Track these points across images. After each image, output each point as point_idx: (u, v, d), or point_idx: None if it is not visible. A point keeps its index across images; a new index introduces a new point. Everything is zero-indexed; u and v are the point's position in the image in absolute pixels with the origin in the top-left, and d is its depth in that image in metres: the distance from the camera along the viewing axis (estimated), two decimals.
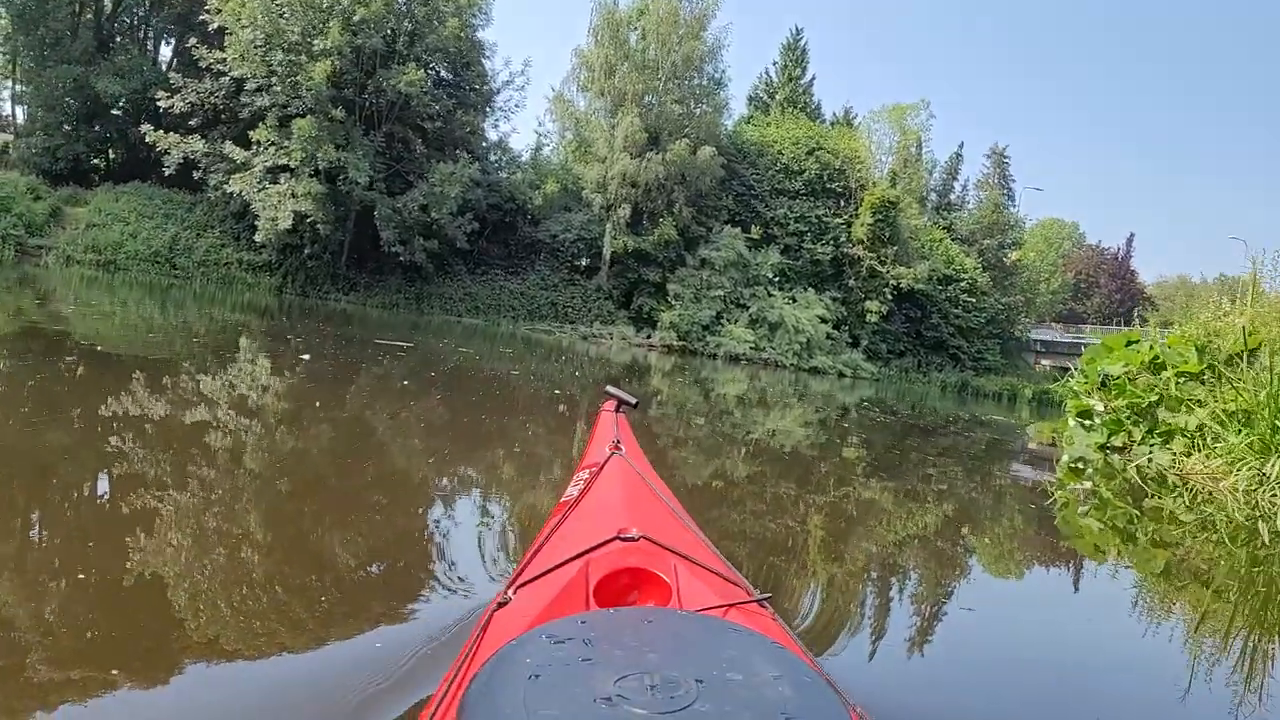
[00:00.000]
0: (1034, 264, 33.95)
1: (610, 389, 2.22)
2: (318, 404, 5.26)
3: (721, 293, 24.90)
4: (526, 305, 24.21)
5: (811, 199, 27.72)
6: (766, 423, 8.68)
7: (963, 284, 28.64)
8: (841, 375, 24.54)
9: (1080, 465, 7.17)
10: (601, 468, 1.71)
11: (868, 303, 26.68)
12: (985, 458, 9.07)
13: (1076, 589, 3.57)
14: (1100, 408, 8.10)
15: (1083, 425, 8.18)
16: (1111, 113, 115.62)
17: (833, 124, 33.50)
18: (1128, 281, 44.09)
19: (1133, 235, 49.34)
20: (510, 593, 1.19)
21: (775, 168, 27.89)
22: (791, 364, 24.08)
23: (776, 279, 26.18)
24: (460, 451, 4.51)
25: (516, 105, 28.58)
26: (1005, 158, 39.80)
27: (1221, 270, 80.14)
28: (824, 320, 25.64)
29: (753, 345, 24.17)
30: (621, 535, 1.24)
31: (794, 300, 26.00)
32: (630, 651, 0.79)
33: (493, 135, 26.46)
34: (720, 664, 0.77)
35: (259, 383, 5.83)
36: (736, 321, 24.93)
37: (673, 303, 24.45)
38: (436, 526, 2.91)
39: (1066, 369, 27.51)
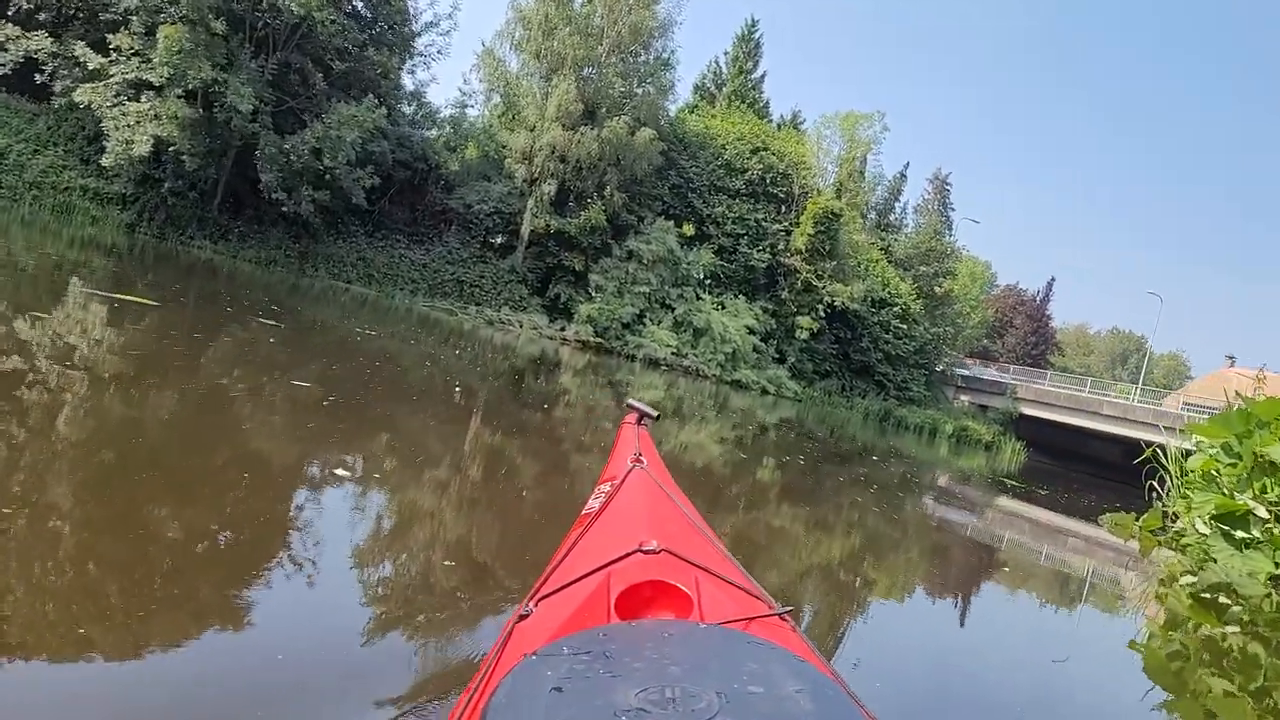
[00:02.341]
0: (962, 296, 35.64)
1: (632, 402, 2.37)
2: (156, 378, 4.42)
3: (647, 290, 24.54)
4: (428, 279, 23.15)
5: (752, 200, 27.76)
6: (680, 435, 8.60)
7: (896, 309, 29.32)
8: (765, 392, 24.69)
9: (1216, 596, 5.13)
10: (623, 480, 1.79)
11: (799, 317, 26.99)
12: (899, 487, 9.22)
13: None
14: (1262, 512, 5.86)
15: (1226, 534, 5.96)
16: (1042, 160, 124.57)
17: (779, 126, 34.03)
18: (1043, 324, 47.06)
19: (1053, 280, 52.70)
20: (531, 605, 1.25)
21: (717, 163, 27.85)
22: (714, 375, 23.91)
23: (707, 281, 25.97)
24: (338, 440, 4.19)
25: (439, 52, 27.27)
26: (947, 185, 41.48)
27: (1115, 323, 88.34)
28: (752, 331, 25.59)
29: (675, 350, 23.92)
30: (643, 548, 1.30)
31: (723, 306, 25.86)
32: (651, 664, 0.84)
33: (409, 84, 25.26)
34: (741, 677, 0.81)
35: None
36: (660, 323, 24.63)
37: (593, 295, 23.92)
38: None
39: (985, 407, 28.72)
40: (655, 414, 2.35)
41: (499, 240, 24.43)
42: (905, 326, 29.41)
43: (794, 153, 28.69)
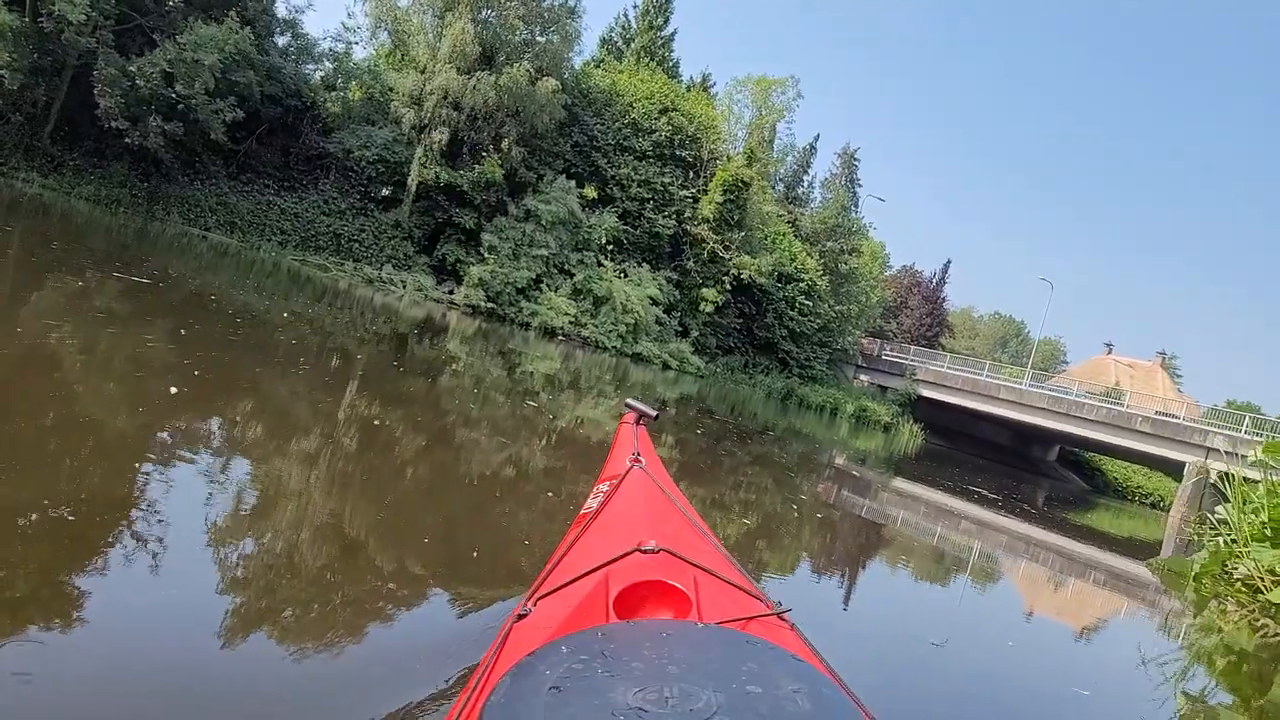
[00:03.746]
0: (866, 275, 37.10)
1: (630, 402, 2.45)
2: None
3: (545, 253, 24.09)
4: (300, 231, 21.90)
5: (659, 164, 27.65)
6: (576, 410, 8.63)
7: (802, 285, 30.05)
8: (666, 367, 24.87)
9: None
10: (621, 480, 1.87)
11: (704, 289, 27.28)
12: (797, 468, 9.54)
13: None
14: None
15: None
16: (940, 142, 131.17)
17: (689, 89, 34.08)
18: (937, 306, 49.69)
19: (949, 262, 55.46)
20: (530, 604, 1.31)
21: (623, 121, 27.55)
22: (614, 347, 23.83)
23: (610, 248, 25.75)
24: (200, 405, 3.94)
25: None
26: (855, 159, 42.82)
27: (999, 308, 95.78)
28: (655, 303, 25.64)
29: (573, 320, 23.66)
30: (641, 548, 1.36)
31: (626, 275, 25.74)
32: (650, 664, 0.87)
33: (282, 9, 23.63)
34: (740, 677, 0.85)
35: None
36: (558, 290, 24.28)
37: (486, 256, 23.29)
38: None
39: (885, 388, 30.14)
40: (654, 414, 2.45)
41: (383, 192, 23.39)
42: (811, 303, 30.27)
43: (704, 116, 28.77)
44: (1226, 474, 7.90)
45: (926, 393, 32.12)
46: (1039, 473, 33.54)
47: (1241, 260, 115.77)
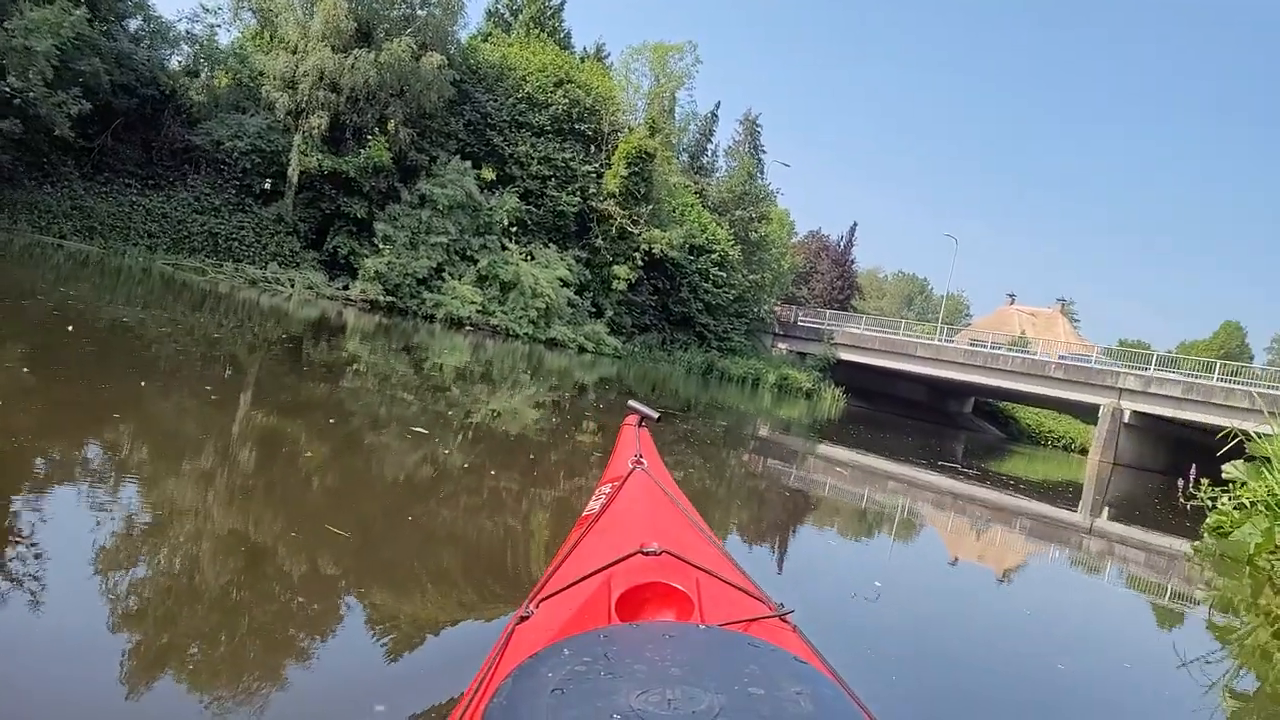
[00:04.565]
0: (776, 242, 37.72)
1: (632, 404, 2.56)
2: None
3: (445, 240, 23.38)
4: (171, 232, 20.55)
5: (559, 139, 27.18)
6: (491, 403, 8.50)
7: (714, 255, 30.16)
8: (582, 350, 24.63)
9: None
10: (624, 482, 1.92)
11: (615, 267, 27.11)
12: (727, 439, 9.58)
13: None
14: None
15: None
16: (839, 108, 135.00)
17: (583, 59, 33.69)
18: (847, 269, 51.26)
19: (855, 225, 57.13)
20: (532, 607, 1.35)
21: (517, 95, 26.95)
22: (525, 334, 23.40)
23: (513, 229, 25.20)
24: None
25: None
26: (758, 126, 43.37)
27: (902, 267, 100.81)
28: (566, 284, 25.30)
29: (480, 308, 23.08)
30: (644, 550, 1.38)
31: (532, 257, 25.28)
32: (652, 666, 0.88)
33: None
34: (742, 679, 0.86)
35: None
36: (462, 277, 23.63)
37: (381, 247, 22.41)
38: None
39: (804, 354, 30.87)
40: (656, 415, 2.55)
41: (261, 185, 22.20)
42: (724, 274, 30.51)
43: (601, 87, 28.47)
44: (1254, 432, 7.89)
45: (845, 356, 32.96)
46: (957, 426, 35.02)
47: (1130, 209, 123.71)
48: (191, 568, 2.39)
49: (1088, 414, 30.65)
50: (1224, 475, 7.72)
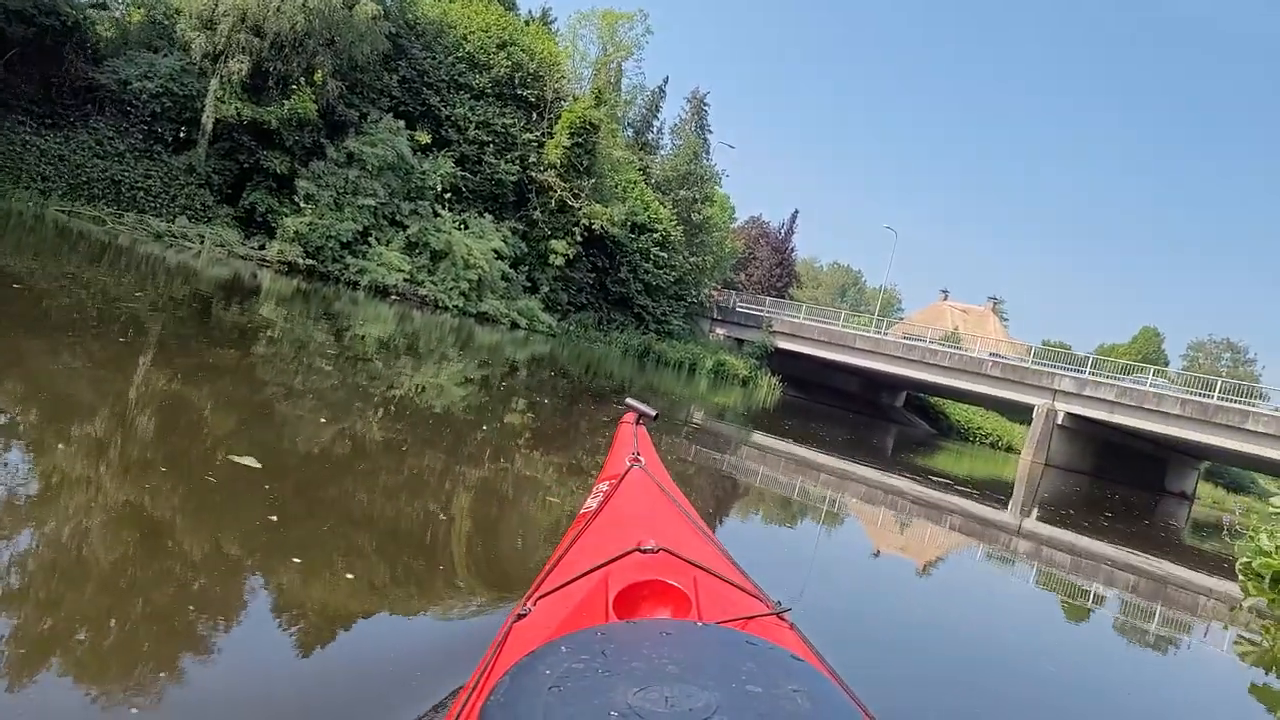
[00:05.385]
0: (718, 225, 37.64)
1: (630, 401, 2.64)
2: None
3: (373, 202, 22.42)
4: (68, 176, 19.17)
5: (499, 104, 26.43)
6: (416, 377, 8.41)
7: (656, 235, 29.88)
8: (515, 326, 24.18)
9: None
10: (621, 480, 1.98)
11: (553, 241, 26.58)
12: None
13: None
14: None
15: None
16: (791, 96, 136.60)
17: (528, 23, 32.89)
18: (787, 257, 51.87)
19: (797, 212, 57.48)
20: (529, 604, 1.39)
21: (457, 55, 26.05)
22: (456, 306, 22.76)
23: (447, 196, 24.41)
24: None
25: None
26: (705, 105, 43.24)
27: (837, 258, 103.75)
28: (500, 256, 24.69)
29: (408, 277, 22.29)
30: (641, 547, 1.42)
31: (466, 226, 24.55)
32: (649, 664, 0.89)
33: None
34: (739, 677, 0.87)
35: None
36: (389, 243, 22.76)
37: (302, 206, 21.38)
38: None
39: (742, 340, 31.07)
40: (655, 414, 2.63)
41: (171, 131, 20.94)
42: (666, 255, 30.28)
43: (546, 52, 27.80)
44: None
45: (784, 344, 33.22)
46: (889, 419, 35.80)
47: (1059, 213, 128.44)
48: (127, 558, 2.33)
49: (1019, 413, 31.66)
50: (1272, 509, 7.16)
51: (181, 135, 21.01)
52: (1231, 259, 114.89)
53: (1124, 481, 27.11)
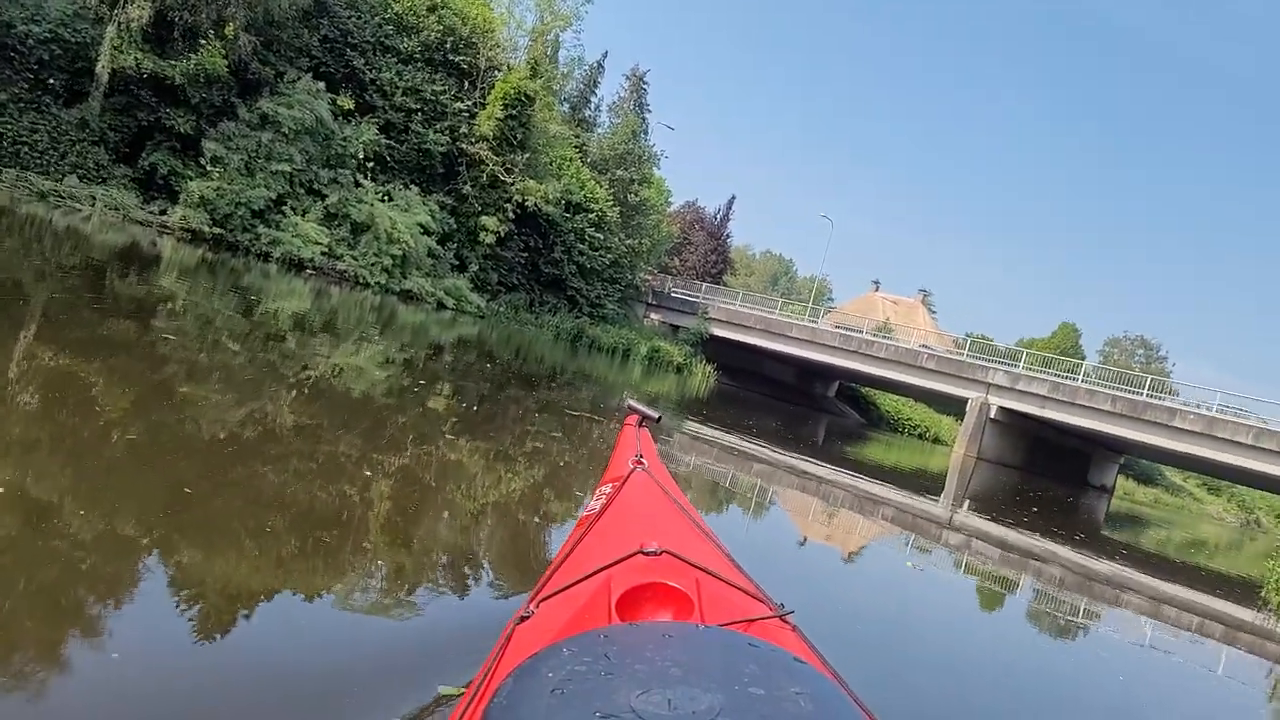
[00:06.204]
0: (655, 207, 37.31)
1: (632, 403, 2.73)
2: None
3: (288, 168, 21.14)
4: None
5: (429, 69, 25.33)
6: (333, 358, 8.17)
7: (592, 215, 29.25)
8: (441, 306, 23.32)
9: None
10: (624, 482, 2.02)
11: (484, 218, 25.70)
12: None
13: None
14: None
15: None
16: (728, 78, 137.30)
17: None
18: (722, 243, 52.25)
19: (734, 198, 57.80)
20: (532, 607, 1.40)
21: (384, 15, 24.81)
22: (377, 283, 21.77)
23: (370, 165, 23.31)
24: None
25: None
26: (645, 83, 42.77)
27: (769, 247, 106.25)
28: (427, 232, 23.72)
29: (326, 250, 21.16)
30: (644, 550, 1.44)
31: (390, 198, 23.51)
32: (651, 666, 0.90)
33: None
34: (742, 679, 0.87)
35: None
36: (306, 214, 21.52)
37: (209, 170, 20.00)
38: None
39: (677, 327, 30.88)
40: (657, 416, 2.68)
41: (60, 80, 19.34)
42: (601, 236, 29.73)
43: (480, 18, 26.83)
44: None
45: (719, 331, 33.15)
46: (821, 409, 36.19)
47: (986, 207, 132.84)
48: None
49: (950, 406, 32.35)
50: None
51: (69, 86, 19.42)
52: (1147, 258, 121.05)
53: (1050, 475, 27.98)
